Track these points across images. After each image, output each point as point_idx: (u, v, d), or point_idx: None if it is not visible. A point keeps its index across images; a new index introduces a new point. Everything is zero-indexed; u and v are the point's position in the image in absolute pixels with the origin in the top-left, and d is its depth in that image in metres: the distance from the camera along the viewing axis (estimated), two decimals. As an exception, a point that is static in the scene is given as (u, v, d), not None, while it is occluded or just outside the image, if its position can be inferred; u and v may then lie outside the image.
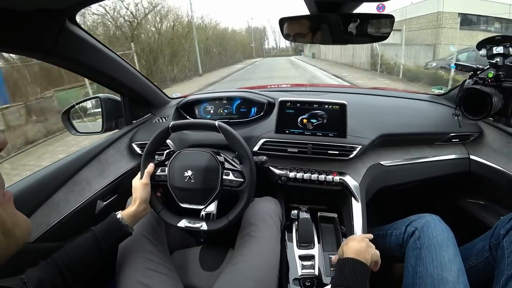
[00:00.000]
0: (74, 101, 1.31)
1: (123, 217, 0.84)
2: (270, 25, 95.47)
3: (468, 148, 1.35)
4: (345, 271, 0.73)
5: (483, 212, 1.33)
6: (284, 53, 70.12)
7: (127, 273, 0.84)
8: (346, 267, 0.74)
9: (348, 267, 0.74)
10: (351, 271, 0.73)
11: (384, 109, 1.39)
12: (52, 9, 0.75)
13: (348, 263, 0.75)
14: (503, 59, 1.02)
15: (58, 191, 1.03)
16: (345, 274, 0.73)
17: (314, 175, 1.17)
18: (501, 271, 0.86)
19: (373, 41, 0.75)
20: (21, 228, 0.44)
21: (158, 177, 0.95)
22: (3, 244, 0.40)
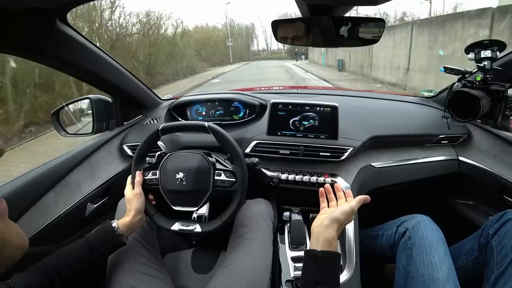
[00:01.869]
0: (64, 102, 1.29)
1: (118, 226, 0.82)
2: (260, 23, 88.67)
3: (457, 149, 1.37)
4: (308, 266, 0.68)
5: (472, 212, 1.35)
6: (276, 56, 62.25)
7: (118, 276, 0.83)
8: (307, 261, 0.69)
9: (308, 260, 0.69)
10: (314, 264, 0.68)
11: (375, 111, 1.41)
12: (42, 8, 0.74)
13: (308, 255, 0.70)
14: (491, 62, 1.04)
15: (47, 193, 1.01)
16: (308, 268, 0.68)
17: (306, 176, 1.18)
18: (491, 270, 0.88)
19: (364, 44, 0.76)
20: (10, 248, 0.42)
21: (149, 181, 0.94)
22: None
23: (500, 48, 1.04)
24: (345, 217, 0.72)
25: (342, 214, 0.72)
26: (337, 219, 0.71)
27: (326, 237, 0.69)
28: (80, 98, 1.31)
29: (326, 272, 0.65)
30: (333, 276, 0.65)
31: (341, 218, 0.72)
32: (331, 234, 0.69)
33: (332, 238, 0.69)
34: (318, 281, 0.64)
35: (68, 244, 0.79)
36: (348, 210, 0.74)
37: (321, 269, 0.65)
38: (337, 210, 0.73)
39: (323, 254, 0.66)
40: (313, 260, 0.67)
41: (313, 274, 0.65)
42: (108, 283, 0.84)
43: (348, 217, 0.74)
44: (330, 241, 0.69)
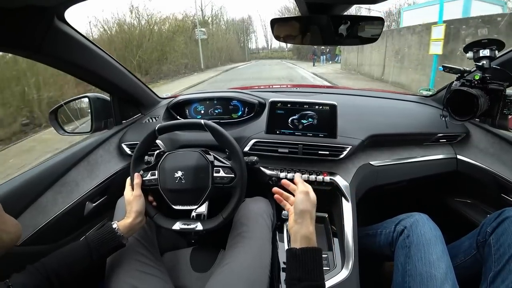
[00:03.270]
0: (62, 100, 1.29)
1: (119, 228, 0.82)
2: (259, 16, 79.10)
3: (455, 148, 1.38)
4: (290, 264, 0.69)
5: (470, 210, 1.36)
6: (277, 55, 52.67)
7: (117, 275, 0.83)
8: (289, 260, 0.69)
9: (289, 259, 0.70)
10: (294, 262, 0.68)
11: (373, 110, 1.41)
12: (40, 6, 0.73)
13: (289, 254, 0.70)
14: (489, 61, 1.04)
15: (45, 192, 1.01)
16: (290, 267, 0.68)
17: (304, 175, 1.18)
18: (488, 268, 0.88)
19: (362, 43, 0.76)
20: (10, 234, 0.43)
21: (148, 181, 0.94)
22: None
23: (499, 47, 1.04)
24: (306, 204, 0.73)
25: (302, 203, 0.73)
26: (301, 211, 0.72)
27: (303, 234, 0.69)
28: (78, 96, 1.31)
29: (307, 269, 0.65)
30: (315, 271, 0.65)
31: (304, 207, 0.73)
32: (307, 228, 0.70)
33: (309, 233, 0.70)
34: (301, 279, 0.64)
35: (67, 244, 0.79)
36: (302, 196, 0.74)
37: (302, 266, 0.65)
38: (297, 204, 0.74)
39: (302, 251, 0.67)
40: (293, 258, 0.67)
41: (295, 272, 0.66)
42: (107, 281, 0.83)
43: (309, 202, 0.74)
44: (307, 236, 0.69)
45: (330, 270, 1.02)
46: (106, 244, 0.79)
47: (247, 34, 57.81)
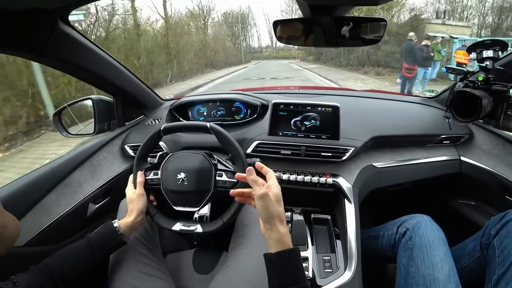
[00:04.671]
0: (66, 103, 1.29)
1: (119, 226, 0.82)
2: (262, 10, 70.70)
3: (459, 149, 1.37)
4: (269, 272, 0.66)
5: (473, 212, 1.35)
6: (283, 54, 43.08)
7: (120, 276, 0.83)
8: (267, 268, 0.66)
9: (267, 266, 0.66)
10: (272, 269, 0.65)
11: (376, 111, 1.40)
12: (44, 9, 0.74)
13: (266, 261, 0.67)
14: (493, 62, 1.04)
15: (49, 193, 1.02)
16: (270, 274, 0.65)
17: (307, 177, 1.18)
18: (492, 271, 0.88)
19: (365, 44, 0.76)
20: (9, 229, 0.44)
21: (151, 180, 0.94)
22: None
23: (502, 48, 1.04)
24: (268, 209, 0.67)
25: (263, 209, 0.67)
26: (266, 217, 0.67)
27: (274, 238, 0.66)
28: (82, 98, 1.31)
29: (285, 274, 0.62)
30: (293, 274, 0.62)
31: (267, 214, 0.67)
32: (277, 232, 0.66)
33: (280, 235, 0.66)
34: (281, 285, 0.62)
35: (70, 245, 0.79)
36: (261, 203, 0.67)
37: (280, 272, 0.63)
38: (259, 211, 0.68)
39: (276, 256, 0.64)
40: (270, 265, 0.65)
41: (274, 279, 0.63)
42: (110, 283, 0.84)
43: (271, 205, 0.67)
44: (279, 240, 0.66)
45: (333, 272, 1.02)
46: (108, 242, 0.80)
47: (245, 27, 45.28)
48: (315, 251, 1.10)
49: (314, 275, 1.01)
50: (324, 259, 1.07)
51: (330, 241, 1.15)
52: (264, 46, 53.48)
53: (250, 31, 48.37)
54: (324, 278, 1.00)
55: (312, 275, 1.01)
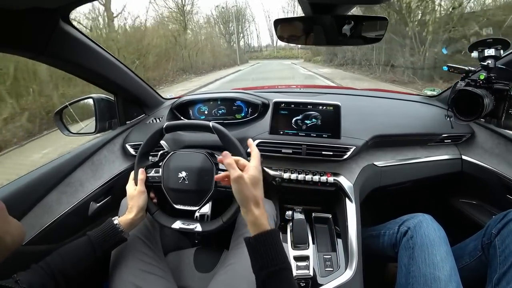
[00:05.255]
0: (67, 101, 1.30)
1: (119, 223, 0.83)
2: (262, 6, 66.53)
3: (460, 148, 1.37)
4: (250, 255, 0.66)
5: (475, 211, 1.35)
6: (284, 54, 40.08)
7: (121, 274, 0.84)
8: (248, 251, 0.67)
9: (248, 250, 0.67)
10: (252, 252, 0.66)
11: (377, 110, 1.40)
12: (45, 8, 0.74)
13: (246, 244, 0.67)
14: (495, 61, 1.03)
15: (50, 192, 1.02)
16: (251, 258, 0.66)
17: (308, 176, 1.18)
18: (494, 270, 0.87)
19: (366, 43, 0.75)
20: (12, 235, 0.44)
21: (152, 178, 0.95)
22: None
23: (504, 46, 1.03)
24: (243, 193, 0.67)
25: (238, 193, 0.68)
26: (241, 201, 0.68)
27: (250, 221, 0.67)
28: (83, 97, 1.31)
29: (264, 256, 0.63)
30: (272, 255, 0.63)
31: (242, 197, 0.68)
32: (252, 215, 0.66)
33: (255, 218, 0.66)
34: (262, 267, 0.62)
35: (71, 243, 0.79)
36: (236, 186, 0.68)
37: (260, 254, 0.63)
38: (235, 194, 0.69)
39: (254, 239, 0.65)
40: (249, 248, 0.65)
41: (254, 262, 0.64)
42: (111, 281, 0.84)
43: (246, 187, 0.67)
44: (254, 222, 0.66)
45: (333, 271, 1.02)
46: (108, 239, 0.81)
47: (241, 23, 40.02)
48: (316, 249, 1.10)
49: (315, 274, 1.02)
50: (325, 257, 1.07)
51: (331, 240, 1.16)
52: (264, 45, 50.56)
53: (248, 28, 44.32)
54: (325, 277, 1.00)
55: (313, 274, 1.01)
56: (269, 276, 0.61)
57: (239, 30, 41.16)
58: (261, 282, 0.62)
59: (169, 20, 21.77)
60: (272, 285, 0.61)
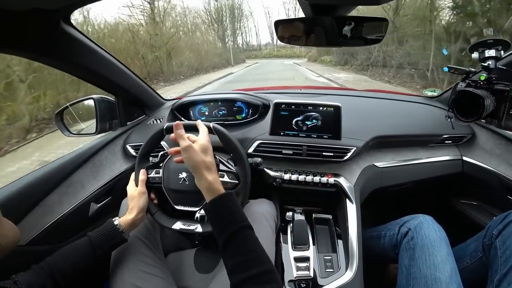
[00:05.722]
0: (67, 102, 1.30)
1: (120, 224, 0.83)
2: (262, 4, 67.43)
3: (461, 149, 1.36)
4: (210, 221, 0.69)
5: (476, 212, 1.35)
6: (285, 53, 37.86)
7: (121, 275, 0.84)
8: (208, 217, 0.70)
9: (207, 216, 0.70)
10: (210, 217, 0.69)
11: (378, 111, 1.40)
12: (46, 9, 0.74)
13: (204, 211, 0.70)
14: (495, 62, 1.03)
15: (51, 193, 1.02)
16: (211, 223, 0.69)
17: (308, 177, 1.18)
18: (495, 271, 0.87)
19: (367, 43, 0.75)
20: (6, 237, 0.44)
21: (152, 179, 0.95)
22: None
23: (505, 47, 1.03)
24: (192, 160, 0.71)
25: (188, 160, 0.71)
26: (192, 168, 0.71)
27: (203, 187, 0.69)
28: (83, 98, 1.32)
29: (222, 218, 0.65)
30: (230, 217, 0.65)
31: (191, 163, 0.71)
32: (205, 181, 0.69)
33: (208, 183, 0.69)
34: (222, 230, 0.64)
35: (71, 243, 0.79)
36: (186, 155, 0.72)
37: (218, 218, 0.65)
38: (185, 160, 0.73)
39: (210, 204, 0.66)
40: (208, 214, 0.68)
41: (214, 226, 0.66)
42: (111, 282, 0.84)
43: (195, 155, 0.71)
44: (207, 188, 0.69)
45: (334, 272, 1.02)
46: (108, 240, 0.81)
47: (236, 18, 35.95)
48: (316, 250, 1.10)
49: (315, 275, 1.01)
50: (325, 258, 1.07)
51: (331, 241, 1.15)
52: (263, 43, 48.50)
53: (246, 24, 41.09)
54: (325, 278, 1.00)
55: (313, 275, 1.01)
56: (229, 237, 0.63)
57: (235, 26, 36.74)
58: (222, 245, 0.63)
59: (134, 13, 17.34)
60: (234, 244, 0.63)
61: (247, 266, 0.60)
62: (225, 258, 0.63)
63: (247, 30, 43.20)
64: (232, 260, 0.62)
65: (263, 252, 0.64)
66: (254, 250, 0.64)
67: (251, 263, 0.61)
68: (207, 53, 21.90)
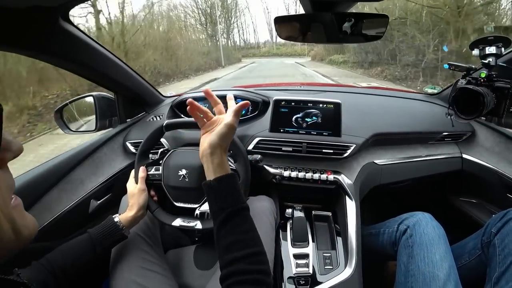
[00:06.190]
0: (67, 100, 1.30)
1: (120, 221, 0.83)
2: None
3: (461, 147, 1.36)
4: (210, 198, 0.68)
5: (475, 210, 1.35)
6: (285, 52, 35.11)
7: (121, 272, 0.84)
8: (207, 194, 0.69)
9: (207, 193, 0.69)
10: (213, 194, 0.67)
11: (378, 108, 1.40)
12: (45, 6, 0.74)
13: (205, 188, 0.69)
14: (496, 59, 1.03)
15: (51, 190, 1.02)
16: (211, 200, 0.68)
17: (308, 174, 1.18)
18: (493, 269, 0.87)
19: (367, 40, 0.75)
20: (29, 229, 0.45)
21: (152, 176, 0.95)
22: (13, 242, 0.41)
23: (505, 44, 1.03)
24: (227, 135, 0.70)
25: (220, 137, 0.69)
26: (216, 145, 0.69)
27: (216, 163, 0.68)
28: (83, 95, 1.31)
29: (226, 197, 0.65)
30: (234, 196, 0.65)
31: (220, 142, 0.69)
32: (218, 159, 0.68)
33: (221, 160, 0.68)
34: (223, 207, 0.64)
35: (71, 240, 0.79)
36: (225, 130, 0.70)
37: (220, 196, 0.65)
38: (215, 134, 0.70)
39: (216, 181, 0.66)
40: (210, 191, 0.66)
41: (214, 203, 0.65)
42: (111, 278, 0.84)
43: (227, 137, 0.71)
44: (220, 164, 0.68)
45: (333, 269, 1.02)
46: (108, 237, 0.81)
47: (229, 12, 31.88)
48: (315, 247, 1.11)
49: (315, 271, 1.02)
50: (324, 255, 1.07)
51: (330, 238, 1.16)
52: (262, 41, 45.02)
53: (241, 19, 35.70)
54: (324, 275, 1.00)
55: (312, 272, 1.01)
56: (230, 214, 0.63)
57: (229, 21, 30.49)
58: (220, 222, 0.63)
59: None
60: (234, 222, 0.63)
61: (243, 245, 0.61)
62: (220, 236, 0.63)
63: (244, 27, 39.91)
64: (229, 238, 0.62)
65: (258, 235, 0.66)
66: (252, 231, 0.65)
67: (247, 243, 0.62)
68: (188, 52, 17.75)
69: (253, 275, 0.57)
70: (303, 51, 30.87)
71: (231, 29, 32.15)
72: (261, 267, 0.60)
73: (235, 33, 36.70)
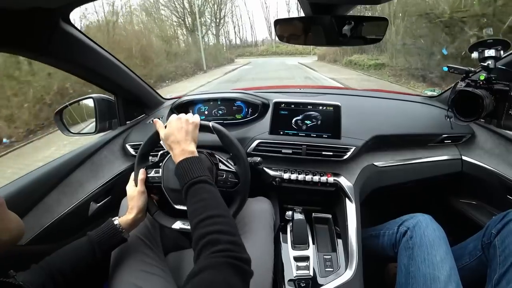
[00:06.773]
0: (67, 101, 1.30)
1: (120, 224, 0.83)
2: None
3: (460, 149, 1.37)
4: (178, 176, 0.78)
5: (475, 212, 1.35)
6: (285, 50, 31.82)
7: (121, 275, 0.83)
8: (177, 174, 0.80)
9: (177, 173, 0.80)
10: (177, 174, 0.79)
11: (377, 110, 1.40)
12: (45, 8, 0.74)
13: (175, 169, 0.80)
14: (495, 61, 1.03)
15: (50, 192, 1.02)
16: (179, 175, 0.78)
17: (308, 176, 1.18)
18: (493, 270, 0.87)
19: (366, 43, 0.76)
20: (11, 232, 0.44)
21: (152, 178, 0.95)
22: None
23: (504, 47, 1.03)
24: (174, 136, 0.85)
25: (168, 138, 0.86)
26: (168, 146, 0.86)
27: (177, 153, 0.81)
28: (83, 97, 1.31)
29: (187, 171, 0.76)
30: (194, 170, 0.76)
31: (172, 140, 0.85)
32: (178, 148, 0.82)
33: (181, 149, 0.81)
34: (186, 182, 0.74)
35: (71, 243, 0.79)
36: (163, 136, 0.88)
37: (183, 172, 0.76)
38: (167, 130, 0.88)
39: (179, 162, 0.78)
40: (177, 171, 0.78)
41: (182, 180, 0.76)
42: (111, 281, 0.84)
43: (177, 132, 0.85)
44: (183, 151, 0.81)
45: (333, 271, 1.02)
46: (108, 240, 0.80)
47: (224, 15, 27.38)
48: (316, 250, 1.10)
49: (315, 274, 1.02)
50: (325, 258, 1.07)
51: (331, 240, 1.15)
52: (260, 39, 41.11)
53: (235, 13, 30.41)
54: (325, 277, 1.00)
55: (313, 274, 1.01)
56: (186, 190, 0.73)
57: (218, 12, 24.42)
58: (184, 197, 0.73)
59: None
60: (192, 193, 0.72)
61: (197, 212, 0.67)
62: (187, 210, 0.71)
63: (240, 23, 36.42)
64: (189, 209, 0.70)
65: (216, 200, 0.71)
66: (207, 199, 0.71)
67: (201, 210, 0.67)
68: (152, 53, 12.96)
69: (212, 235, 0.60)
70: (306, 50, 26.35)
71: (221, 23, 26.88)
72: (218, 228, 0.63)
73: (230, 29, 31.73)
